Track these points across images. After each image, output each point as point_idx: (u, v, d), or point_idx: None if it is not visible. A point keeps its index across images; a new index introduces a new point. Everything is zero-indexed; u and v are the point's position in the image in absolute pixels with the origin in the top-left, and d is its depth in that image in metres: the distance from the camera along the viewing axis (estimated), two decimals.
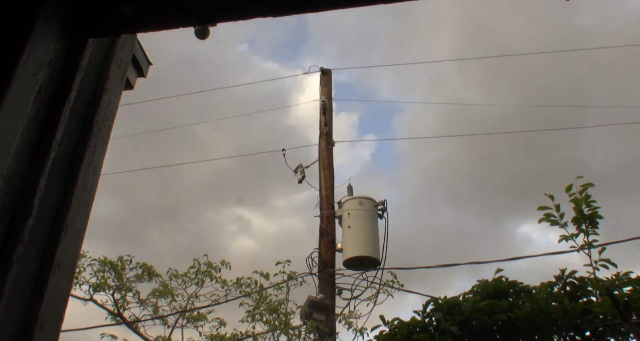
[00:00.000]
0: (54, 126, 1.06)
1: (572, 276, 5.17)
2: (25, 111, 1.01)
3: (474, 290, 5.55)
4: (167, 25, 1.19)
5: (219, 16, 1.18)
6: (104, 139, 1.20)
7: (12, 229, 0.96)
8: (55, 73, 1.09)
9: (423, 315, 5.45)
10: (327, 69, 10.49)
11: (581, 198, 4.55)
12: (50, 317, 1.00)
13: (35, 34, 1.03)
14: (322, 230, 8.82)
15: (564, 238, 4.60)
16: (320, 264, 8.53)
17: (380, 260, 8.39)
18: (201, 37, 1.77)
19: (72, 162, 1.10)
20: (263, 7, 1.14)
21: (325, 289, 8.28)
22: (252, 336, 8.73)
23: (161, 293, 9.30)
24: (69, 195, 1.08)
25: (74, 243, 1.08)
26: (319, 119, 9.95)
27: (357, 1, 1.12)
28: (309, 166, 9.61)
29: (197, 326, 9.35)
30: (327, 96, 10.13)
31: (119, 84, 1.28)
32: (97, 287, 9.02)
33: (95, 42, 1.19)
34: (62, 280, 1.04)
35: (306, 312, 7.89)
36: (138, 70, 2.54)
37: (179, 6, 1.17)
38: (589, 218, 4.51)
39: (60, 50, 1.10)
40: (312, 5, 1.15)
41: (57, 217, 1.05)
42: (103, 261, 9.02)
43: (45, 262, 1.01)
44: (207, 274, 9.31)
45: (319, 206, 9.06)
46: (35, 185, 1.00)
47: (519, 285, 5.51)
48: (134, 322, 9.20)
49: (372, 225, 8.59)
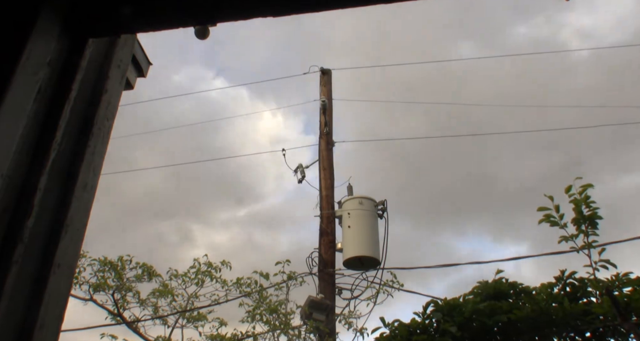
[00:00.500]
0: (54, 126, 1.06)
1: (572, 277, 5.17)
2: (25, 111, 1.01)
3: (474, 291, 5.54)
4: (167, 25, 1.19)
5: (219, 16, 1.18)
6: (104, 139, 1.20)
7: (12, 229, 0.96)
8: (55, 73, 1.09)
9: (423, 316, 5.44)
10: (327, 69, 10.49)
11: (581, 198, 4.55)
12: (50, 317, 1.00)
13: (35, 34, 1.03)
14: (322, 230, 8.83)
15: (563, 239, 4.60)
16: (320, 264, 8.53)
17: (380, 260, 8.40)
18: (201, 37, 1.77)
19: (72, 162, 1.10)
20: (263, 7, 1.14)
21: (325, 289, 8.28)
22: (252, 336, 8.73)
23: (161, 293, 9.30)
24: (69, 195, 1.08)
25: (74, 243, 1.08)
26: (319, 119, 9.95)
27: (357, 1, 1.12)
28: (309, 166, 9.62)
29: (197, 326, 9.36)
30: (327, 96, 10.13)
31: (119, 84, 1.28)
32: (97, 287, 9.03)
33: (95, 42, 1.19)
34: (62, 280, 1.04)
35: (306, 312, 7.89)
36: (138, 70, 2.54)
37: (179, 6, 1.17)
38: (588, 219, 4.51)
39: (60, 50, 1.10)
40: (312, 5, 1.15)
41: (57, 217, 1.05)
42: (103, 261, 9.02)
43: (45, 262, 1.01)
44: (207, 275, 9.32)
45: (319, 206, 9.07)
46: (35, 185, 1.00)
47: (519, 286, 5.51)
48: (134, 322, 9.20)
49: (372, 225, 8.59)
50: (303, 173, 9.53)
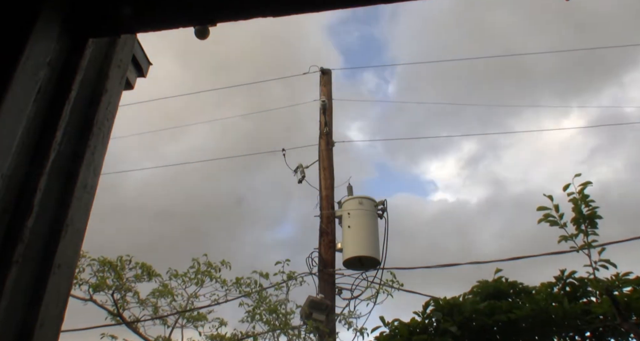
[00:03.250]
0: (54, 126, 1.06)
1: (571, 276, 5.17)
2: (25, 111, 1.01)
3: (474, 291, 5.55)
4: (167, 25, 1.19)
5: (219, 16, 1.18)
6: (104, 139, 1.20)
7: (12, 229, 0.96)
8: (55, 73, 1.09)
9: (423, 316, 5.44)
10: (327, 69, 10.49)
11: (580, 197, 4.55)
12: (50, 317, 1.00)
13: (35, 34, 1.03)
14: (322, 230, 8.83)
15: (563, 238, 4.60)
16: (320, 264, 8.53)
17: (380, 260, 8.40)
18: (201, 37, 1.77)
19: (72, 162, 1.10)
20: (263, 7, 1.14)
21: (325, 289, 8.28)
22: (252, 336, 8.73)
23: (161, 293, 9.30)
24: (69, 195, 1.08)
25: (74, 243, 1.08)
26: (319, 119, 9.95)
27: (357, 1, 1.12)
28: (309, 166, 9.62)
29: (197, 326, 9.36)
30: (327, 96, 10.13)
31: (119, 84, 1.28)
32: (97, 287, 9.02)
33: (95, 42, 1.19)
34: (62, 280, 1.04)
35: (306, 312, 7.88)
36: (138, 70, 2.54)
37: (179, 6, 1.17)
38: (588, 218, 4.51)
39: (60, 50, 1.10)
40: (312, 5, 1.15)
41: (57, 217, 1.05)
42: (102, 262, 9.02)
43: (45, 262, 1.01)
44: (207, 274, 9.31)
45: (319, 206, 9.07)
46: (35, 185, 1.00)
47: (519, 286, 5.51)
48: (134, 322, 9.20)
49: (372, 225, 8.59)
50: (303, 173, 9.53)
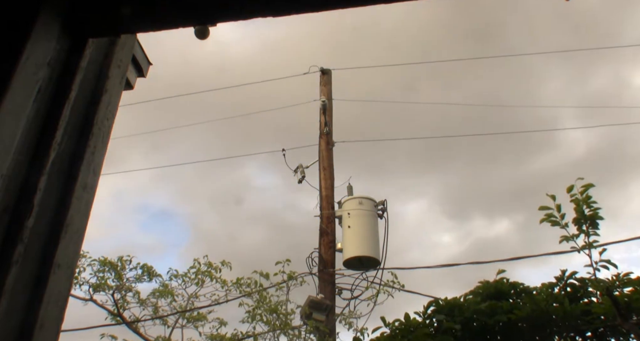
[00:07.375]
0: (54, 126, 1.06)
1: (572, 277, 5.17)
2: (25, 111, 1.01)
3: (475, 291, 5.55)
4: (167, 25, 1.19)
5: (219, 16, 1.18)
6: (104, 139, 1.20)
7: (12, 229, 0.95)
8: (55, 73, 1.09)
9: (424, 316, 5.44)
10: (327, 69, 10.48)
11: (582, 198, 4.55)
12: (50, 317, 1.00)
13: (35, 34, 1.03)
14: (322, 230, 8.82)
15: (564, 238, 4.60)
16: (320, 264, 8.53)
17: (380, 260, 8.40)
18: (201, 37, 1.77)
19: (72, 162, 1.10)
20: (263, 7, 1.14)
21: (325, 289, 8.28)
22: (252, 336, 8.73)
23: (161, 293, 9.31)
24: (69, 195, 1.07)
25: (74, 243, 1.08)
26: (319, 119, 9.95)
27: (357, 1, 1.11)
28: (309, 166, 9.61)
29: (197, 326, 9.36)
30: (327, 96, 10.13)
31: (119, 84, 1.28)
32: (97, 287, 9.02)
33: (95, 42, 1.19)
34: (62, 280, 1.04)
35: (306, 312, 7.89)
36: (138, 70, 2.54)
37: (179, 6, 1.16)
38: (589, 219, 4.50)
39: (60, 50, 1.10)
40: (312, 5, 1.15)
41: (57, 217, 1.05)
42: (103, 262, 9.02)
43: (45, 262, 1.01)
44: (207, 275, 9.32)
45: (319, 206, 9.07)
46: (35, 185, 1.00)
47: (520, 286, 5.51)
48: (134, 322, 9.20)
49: (372, 225, 8.59)
50: (303, 173, 9.53)
